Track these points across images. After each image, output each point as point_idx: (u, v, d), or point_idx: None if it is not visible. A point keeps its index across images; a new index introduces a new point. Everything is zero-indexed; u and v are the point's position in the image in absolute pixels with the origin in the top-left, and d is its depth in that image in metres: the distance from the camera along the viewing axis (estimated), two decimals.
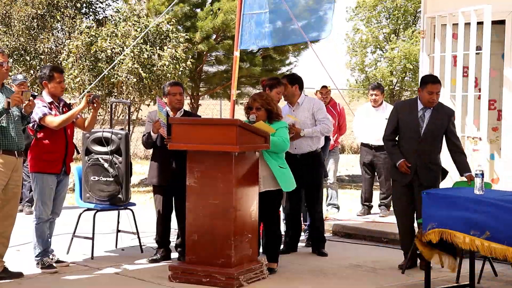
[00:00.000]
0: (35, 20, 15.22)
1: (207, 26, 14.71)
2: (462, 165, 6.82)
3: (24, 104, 6.31)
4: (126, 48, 12.31)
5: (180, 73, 12.83)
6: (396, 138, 7.09)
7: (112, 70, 12.19)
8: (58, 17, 15.37)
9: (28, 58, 14.83)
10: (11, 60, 14.25)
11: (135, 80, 12.44)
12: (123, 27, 12.72)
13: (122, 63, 12.24)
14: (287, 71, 16.29)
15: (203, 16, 15.00)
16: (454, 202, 5.64)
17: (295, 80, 7.71)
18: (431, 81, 6.90)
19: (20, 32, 14.99)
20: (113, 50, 12.39)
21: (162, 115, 6.97)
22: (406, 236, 7.05)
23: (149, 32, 12.57)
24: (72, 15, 15.46)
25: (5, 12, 15.21)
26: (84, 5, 16.63)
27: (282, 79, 7.68)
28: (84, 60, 12.51)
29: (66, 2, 15.72)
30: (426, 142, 6.84)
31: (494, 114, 8.84)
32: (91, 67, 12.53)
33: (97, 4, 17.00)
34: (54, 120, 6.67)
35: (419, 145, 6.84)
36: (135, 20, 12.90)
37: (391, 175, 7.28)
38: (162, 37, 13.02)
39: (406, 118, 6.93)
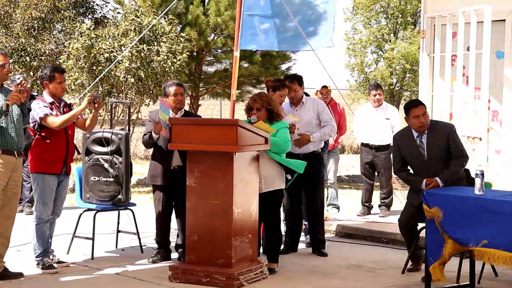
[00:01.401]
0: (35, 22, 15.21)
1: (200, 18, 14.64)
2: (446, 172, 6.61)
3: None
4: (124, 48, 12.29)
5: (178, 66, 12.76)
6: (408, 168, 6.88)
7: (110, 70, 12.16)
8: (58, 19, 15.36)
9: (28, 59, 14.82)
10: (11, 61, 14.24)
11: (133, 80, 12.42)
12: (123, 27, 12.70)
13: (120, 63, 12.22)
14: (286, 69, 16.26)
15: (194, 10, 14.90)
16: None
17: (302, 81, 7.71)
18: (413, 105, 6.71)
19: (21, 33, 14.99)
20: (111, 52, 12.36)
21: (165, 116, 6.93)
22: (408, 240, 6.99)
23: (145, 30, 12.54)
24: (72, 17, 15.45)
25: (3, 12, 15.21)
26: (82, 4, 16.63)
27: (292, 81, 7.63)
28: (84, 62, 12.49)
29: (67, 5, 15.72)
30: (433, 167, 6.65)
31: (488, 114, 8.54)
32: (91, 68, 12.50)
33: (93, 2, 17.00)
34: (55, 120, 6.67)
35: (428, 172, 6.65)
36: (132, 19, 12.86)
37: (407, 198, 7.07)
38: (157, 33, 12.96)
39: (407, 148, 6.78)
